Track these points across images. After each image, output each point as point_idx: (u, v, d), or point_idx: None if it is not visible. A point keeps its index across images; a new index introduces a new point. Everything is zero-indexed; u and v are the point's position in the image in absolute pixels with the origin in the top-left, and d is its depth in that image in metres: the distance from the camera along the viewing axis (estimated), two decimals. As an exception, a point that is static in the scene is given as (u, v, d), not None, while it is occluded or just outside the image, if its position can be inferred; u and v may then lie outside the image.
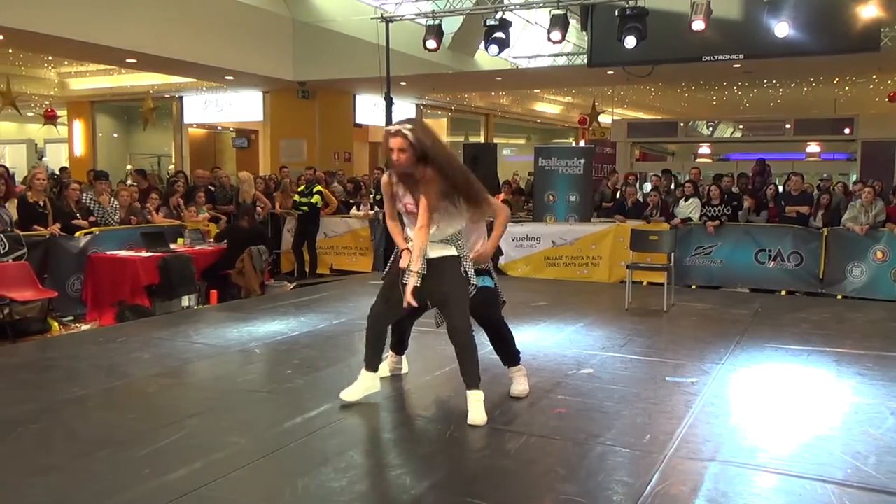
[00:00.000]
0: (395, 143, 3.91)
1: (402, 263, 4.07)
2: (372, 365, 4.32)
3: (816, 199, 9.69)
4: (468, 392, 4.05)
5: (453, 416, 4.19)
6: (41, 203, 8.11)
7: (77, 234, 8.22)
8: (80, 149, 18.85)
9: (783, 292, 9.16)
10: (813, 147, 19.55)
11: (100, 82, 17.43)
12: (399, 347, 4.87)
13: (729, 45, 10.33)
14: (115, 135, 20.03)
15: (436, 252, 4.09)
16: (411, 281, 3.97)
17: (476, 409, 4.01)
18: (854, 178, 15.54)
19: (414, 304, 3.97)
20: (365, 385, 4.31)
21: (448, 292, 4.08)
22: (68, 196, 8.56)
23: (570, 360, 5.38)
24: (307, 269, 11.12)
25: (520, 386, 4.51)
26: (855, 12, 9.65)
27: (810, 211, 9.44)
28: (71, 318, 7.94)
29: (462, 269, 4.12)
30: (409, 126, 3.94)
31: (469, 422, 3.96)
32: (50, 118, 17.25)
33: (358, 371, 4.38)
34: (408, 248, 4.07)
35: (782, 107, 21.68)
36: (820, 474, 3.38)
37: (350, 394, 4.29)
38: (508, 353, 4.56)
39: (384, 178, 4.18)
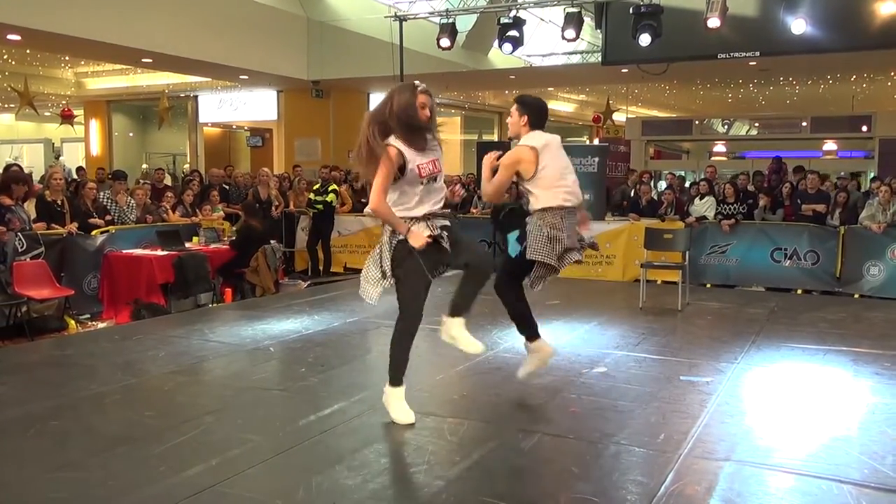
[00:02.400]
0: (427, 100, 3.85)
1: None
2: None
3: (833, 198, 9.62)
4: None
5: (468, 414, 4.20)
6: (59, 202, 8.19)
7: (93, 232, 8.29)
8: (96, 148, 18.99)
9: (799, 291, 9.10)
10: (830, 145, 19.39)
11: (116, 82, 17.57)
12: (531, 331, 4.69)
13: (745, 42, 10.25)
14: (131, 134, 20.18)
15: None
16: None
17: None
18: (871, 175, 15.39)
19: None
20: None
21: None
22: (85, 195, 8.63)
23: (584, 359, 5.37)
24: (321, 268, 11.16)
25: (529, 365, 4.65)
26: (873, 8, 9.54)
27: (827, 210, 9.37)
28: (87, 316, 8.01)
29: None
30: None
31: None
32: (67, 118, 17.39)
33: (375, 368, 4.40)
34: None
35: (799, 104, 21.49)
36: (836, 475, 3.36)
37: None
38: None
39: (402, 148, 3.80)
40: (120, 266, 8.20)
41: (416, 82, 3.89)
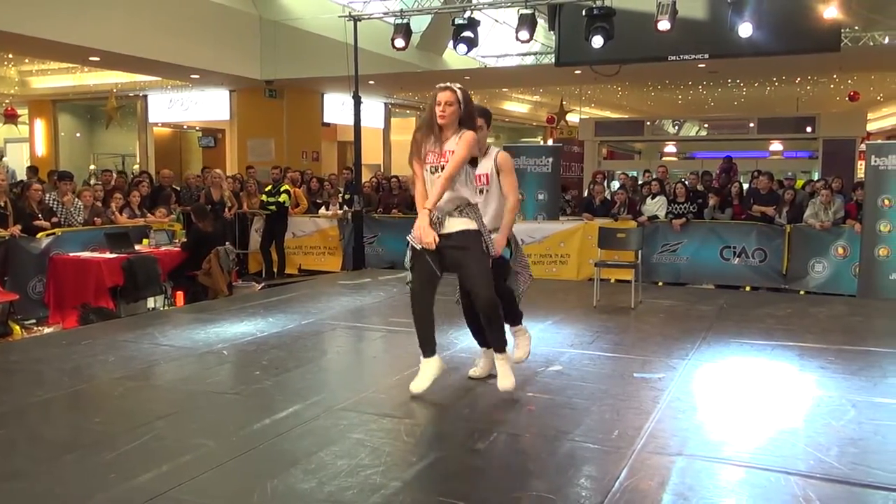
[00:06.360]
0: (444, 96, 4.14)
1: (425, 239, 4.10)
2: (428, 351, 4.39)
3: (781, 196, 9.88)
4: (496, 355, 4.36)
5: (424, 415, 4.21)
6: (2, 204, 7.96)
7: (39, 235, 8.08)
8: (41, 148, 18.50)
9: (748, 288, 9.32)
10: (776, 145, 19.89)
11: (62, 80, 17.11)
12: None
13: (694, 44, 10.46)
14: (78, 134, 19.70)
15: (456, 226, 4.20)
16: (422, 220, 4.10)
17: (502, 373, 4.32)
18: (816, 175, 15.83)
19: (435, 239, 4.09)
20: (429, 372, 4.39)
21: (470, 265, 4.19)
22: (30, 197, 8.40)
23: (539, 358, 5.40)
24: (275, 270, 11.05)
25: (519, 351, 4.82)
26: (816, 14, 9.83)
27: (775, 212, 9.59)
28: (33, 320, 7.81)
29: (483, 243, 4.22)
30: (458, 86, 4.23)
31: (499, 387, 4.29)
32: (10, 117, 16.91)
33: (330, 370, 4.36)
34: (426, 209, 4.12)
35: (746, 106, 22.01)
36: (784, 466, 3.44)
37: (418, 384, 4.39)
38: (511, 313, 4.76)
39: (414, 134, 4.28)
40: (67, 269, 8.00)
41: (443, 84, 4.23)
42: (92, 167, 17.95)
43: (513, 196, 4.63)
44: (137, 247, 8.74)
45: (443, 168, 4.13)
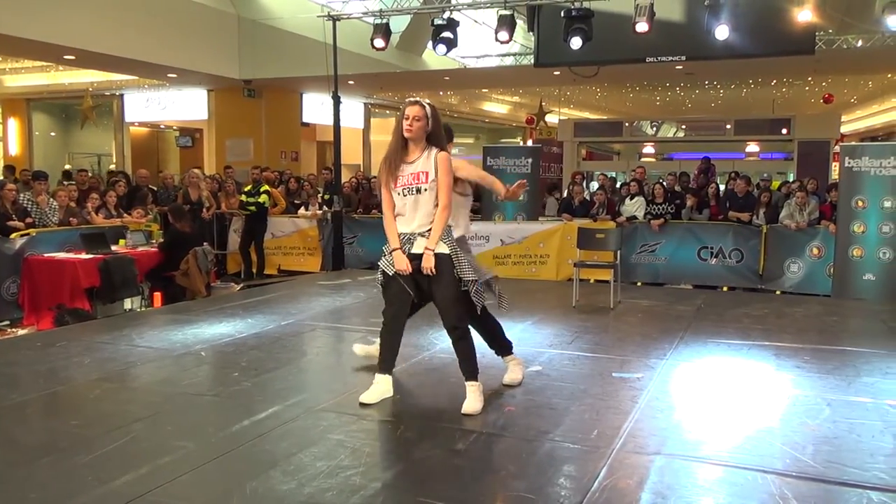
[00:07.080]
0: (412, 111, 4.10)
1: (398, 266, 4.12)
2: (385, 368, 4.34)
3: (757, 197, 9.98)
4: (465, 383, 4.22)
5: (403, 416, 4.20)
6: (-25, 204, 7.86)
7: (13, 235, 7.97)
8: (15, 148, 18.26)
9: (725, 288, 9.41)
10: (752, 147, 20.10)
11: (36, 79, 16.91)
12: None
13: (672, 46, 10.54)
14: (53, 134, 19.47)
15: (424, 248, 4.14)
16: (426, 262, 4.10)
17: (470, 398, 4.17)
18: (791, 176, 16.02)
19: (408, 266, 4.10)
20: (381, 389, 4.33)
21: (439, 290, 4.16)
22: (4, 197, 8.28)
23: (519, 358, 5.41)
24: (254, 270, 10.99)
25: (512, 374, 4.73)
26: (791, 16, 9.95)
27: (750, 218, 9.67)
28: (7, 322, 7.71)
29: (454, 268, 4.16)
30: (427, 101, 4.19)
31: (462, 411, 4.11)
32: (-17, 116, 16.69)
33: (310, 371, 4.35)
34: (401, 249, 4.13)
35: (723, 107, 22.23)
36: (761, 465, 3.48)
37: (369, 396, 4.31)
38: (496, 345, 4.76)
39: (383, 160, 4.24)
40: (41, 270, 7.91)
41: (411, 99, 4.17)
42: (67, 167, 17.75)
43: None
44: (114, 247, 8.65)
45: (418, 190, 4.11)
